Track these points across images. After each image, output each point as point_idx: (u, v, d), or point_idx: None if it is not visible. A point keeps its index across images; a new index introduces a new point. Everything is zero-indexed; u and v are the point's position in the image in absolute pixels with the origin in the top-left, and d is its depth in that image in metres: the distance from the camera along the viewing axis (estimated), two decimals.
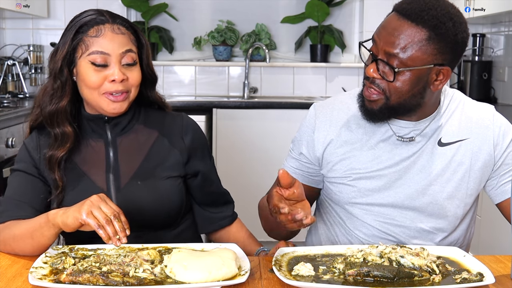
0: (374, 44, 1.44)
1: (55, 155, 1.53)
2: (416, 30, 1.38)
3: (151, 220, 1.55)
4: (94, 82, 1.50)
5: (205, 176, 1.65)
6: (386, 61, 1.41)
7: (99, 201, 1.30)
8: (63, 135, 1.54)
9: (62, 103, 1.53)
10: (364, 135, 1.56)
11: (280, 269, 1.24)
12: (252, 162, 3.69)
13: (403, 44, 1.38)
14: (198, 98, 4.25)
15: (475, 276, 1.20)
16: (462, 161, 1.53)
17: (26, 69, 4.17)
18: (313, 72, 4.38)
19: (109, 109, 1.52)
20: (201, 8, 4.40)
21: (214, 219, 1.69)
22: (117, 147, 1.58)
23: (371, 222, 1.56)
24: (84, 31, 1.51)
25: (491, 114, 1.57)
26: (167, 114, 1.66)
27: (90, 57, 1.49)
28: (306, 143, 1.62)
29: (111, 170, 1.56)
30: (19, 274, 1.29)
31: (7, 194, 1.54)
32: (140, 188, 1.55)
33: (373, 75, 1.43)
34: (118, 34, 1.51)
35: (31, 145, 1.58)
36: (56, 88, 1.53)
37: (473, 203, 1.59)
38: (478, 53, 4.07)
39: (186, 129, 1.63)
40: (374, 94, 1.45)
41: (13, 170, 1.58)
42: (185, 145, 1.61)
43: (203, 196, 1.67)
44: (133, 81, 1.53)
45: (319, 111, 1.62)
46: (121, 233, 1.26)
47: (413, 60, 1.39)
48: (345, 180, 1.56)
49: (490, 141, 1.54)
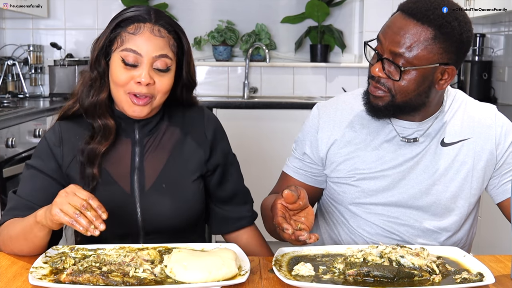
0: (379, 44, 1.45)
1: (98, 149, 1.49)
2: (422, 29, 1.39)
3: (171, 226, 1.52)
4: (120, 79, 1.45)
5: (223, 169, 1.61)
6: (392, 60, 1.41)
7: (66, 195, 1.25)
8: (105, 128, 1.50)
9: (103, 95, 1.50)
10: (368, 135, 1.56)
11: (280, 269, 1.24)
12: (252, 162, 3.69)
13: (409, 43, 1.39)
14: (198, 98, 4.24)
15: (475, 276, 1.20)
16: (465, 161, 1.54)
17: (26, 69, 4.17)
18: (313, 72, 4.38)
19: (130, 111, 1.48)
20: (201, 8, 4.40)
21: (229, 219, 1.64)
22: (143, 147, 1.54)
23: (375, 221, 1.56)
24: (124, 26, 1.47)
25: (493, 113, 1.58)
26: (189, 109, 1.61)
27: (122, 53, 1.45)
28: (310, 143, 1.62)
29: (135, 172, 1.53)
30: (19, 274, 1.29)
31: (19, 191, 1.50)
32: (165, 192, 1.52)
33: (378, 74, 1.44)
34: (156, 36, 1.46)
35: (52, 139, 1.53)
36: (94, 79, 1.50)
37: (476, 202, 1.60)
38: (478, 53, 4.07)
39: (208, 122, 1.61)
40: (380, 91, 1.46)
41: (28, 164, 1.53)
42: (207, 139, 1.58)
43: (219, 192, 1.62)
44: (160, 87, 1.47)
45: (322, 111, 1.62)
46: (96, 221, 1.22)
47: (419, 59, 1.40)
48: (349, 180, 1.57)
49: (492, 140, 1.55)
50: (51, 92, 4.06)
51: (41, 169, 1.51)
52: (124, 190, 1.51)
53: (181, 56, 1.53)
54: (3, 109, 3.12)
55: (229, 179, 1.63)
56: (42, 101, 3.91)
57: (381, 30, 1.45)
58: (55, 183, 1.51)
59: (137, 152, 1.54)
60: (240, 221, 1.64)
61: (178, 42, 1.51)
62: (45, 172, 1.51)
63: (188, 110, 1.62)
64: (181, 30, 1.53)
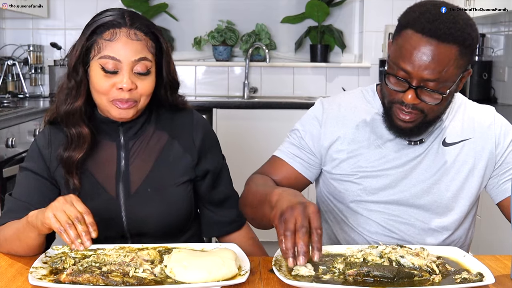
0: (403, 71, 1.39)
1: (73, 156, 1.48)
2: (449, 48, 1.36)
3: (157, 229, 1.52)
4: (102, 87, 1.44)
5: (214, 175, 1.60)
6: (430, 89, 1.39)
7: (64, 203, 1.25)
8: (79, 136, 1.48)
9: (77, 103, 1.48)
10: (371, 133, 1.57)
11: (280, 269, 1.24)
12: (252, 162, 3.67)
13: (441, 68, 1.37)
14: (198, 98, 4.25)
15: (475, 276, 1.20)
16: (466, 160, 1.55)
17: (26, 69, 4.17)
18: (313, 72, 4.38)
19: (116, 114, 1.47)
20: (201, 8, 4.40)
21: (220, 223, 1.63)
22: (129, 151, 1.54)
23: (375, 219, 1.56)
24: (99, 33, 1.44)
25: (492, 114, 1.60)
26: (178, 112, 1.59)
27: (101, 61, 1.43)
28: (311, 135, 1.60)
29: (121, 176, 1.52)
30: (19, 274, 1.29)
31: (15, 193, 1.51)
32: (150, 196, 1.51)
33: (414, 102, 1.41)
34: (133, 40, 1.44)
35: (41, 142, 1.54)
36: (71, 88, 1.48)
37: (475, 201, 1.61)
38: (478, 53, 4.07)
39: (196, 127, 1.58)
40: (414, 114, 1.44)
41: (22, 167, 1.54)
42: (195, 146, 1.56)
43: (210, 196, 1.61)
44: (143, 90, 1.46)
45: (327, 106, 1.62)
46: (85, 236, 1.22)
47: (451, 78, 1.40)
48: (352, 178, 1.57)
49: (492, 140, 1.56)
50: (51, 92, 4.06)
51: (34, 170, 1.51)
52: (109, 194, 1.51)
53: (160, 57, 1.51)
54: (3, 109, 3.12)
55: (220, 183, 1.63)
56: (42, 101, 3.91)
57: (403, 58, 1.39)
58: (49, 183, 1.52)
59: (122, 156, 1.53)
60: (230, 225, 1.64)
61: (156, 43, 1.50)
62: (38, 173, 1.51)
63: (177, 113, 1.60)
64: (158, 30, 1.51)
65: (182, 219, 1.56)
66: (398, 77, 1.41)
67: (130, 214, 1.51)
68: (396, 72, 1.41)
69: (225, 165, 1.66)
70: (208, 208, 1.63)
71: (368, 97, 1.62)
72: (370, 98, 1.61)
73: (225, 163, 1.66)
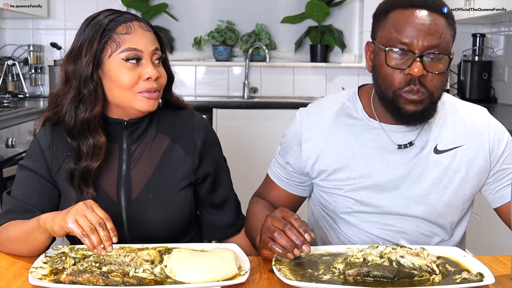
0: (404, 45, 1.37)
1: (90, 166, 1.44)
2: (439, 18, 1.38)
3: (159, 235, 1.50)
4: (128, 81, 1.42)
5: (214, 177, 1.59)
6: (437, 52, 1.37)
7: (85, 208, 1.25)
8: (95, 146, 1.45)
9: (96, 109, 1.44)
10: (355, 142, 1.51)
11: (280, 269, 1.24)
12: (252, 162, 3.68)
13: (440, 33, 1.37)
14: (198, 98, 4.25)
15: (475, 276, 1.20)
16: (458, 169, 1.50)
17: (26, 69, 4.17)
18: (313, 72, 4.38)
19: (144, 106, 1.45)
20: (201, 8, 4.40)
21: (220, 227, 1.63)
22: (131, 155, 1.52)
23: (369, 230, 1.53)
24: (112, 29, 1.43)
25: (485, 118, 1.54)
26: (178, 114, 1.58)
27: (123, 55, 1.42)
28: (292, 155, 1.57)
29: (122, 181, 1.50)
30: (19, 274, 1.29)
31: (14, 193, 1.49)
32: (151, 202, 1.50)
33: (422, 73, 1.37)
34: (146, 31, 1.46)
35: (43, 142, 1.51)
36: (88, 95, 1.43)
37: (469, 207, 1.58)
38: (478, 53, 4.07)
39: (197, 129, 1.56)
40: (421, 93, 1.39)
41: (22, 165, 1.52)
42: (196, 148, 1.55)
43: (210, 199, 1.60)
44: (163, 80, 1.49)
45: (305, 119, 1.56)
46: (107, 241, 1.22)
47: (448, 46, 1.39)
48: (340, 191, 1.52)
49: (486, 147, 1.51)
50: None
51: (35, 169, 1.50)
52: (111, 199, 1.50)
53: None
54: (3, 109, 3.12)
55: (220, 185, 1.62)
56: (42, 101, 3.91)
57: (398, 33, 1.37)
58: (49, 185, 1.50)
59: (124, 160, 1.52)
60: (230, 228, 1.64)
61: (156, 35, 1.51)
62: (38, 173, 1.50)
63: (178, 115, 1.59)
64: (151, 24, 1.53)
65: (183, 223, 1.55)
66: (401, 49, 1.37)
67: (131, 219, 1.50)
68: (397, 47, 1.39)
69: (226, 167, 1.64)
70: (208, 211, 1.63)
71: (349, 104, 1.54)
72: (350, 105, 1.54)
73: (226, 165, 1.65)
